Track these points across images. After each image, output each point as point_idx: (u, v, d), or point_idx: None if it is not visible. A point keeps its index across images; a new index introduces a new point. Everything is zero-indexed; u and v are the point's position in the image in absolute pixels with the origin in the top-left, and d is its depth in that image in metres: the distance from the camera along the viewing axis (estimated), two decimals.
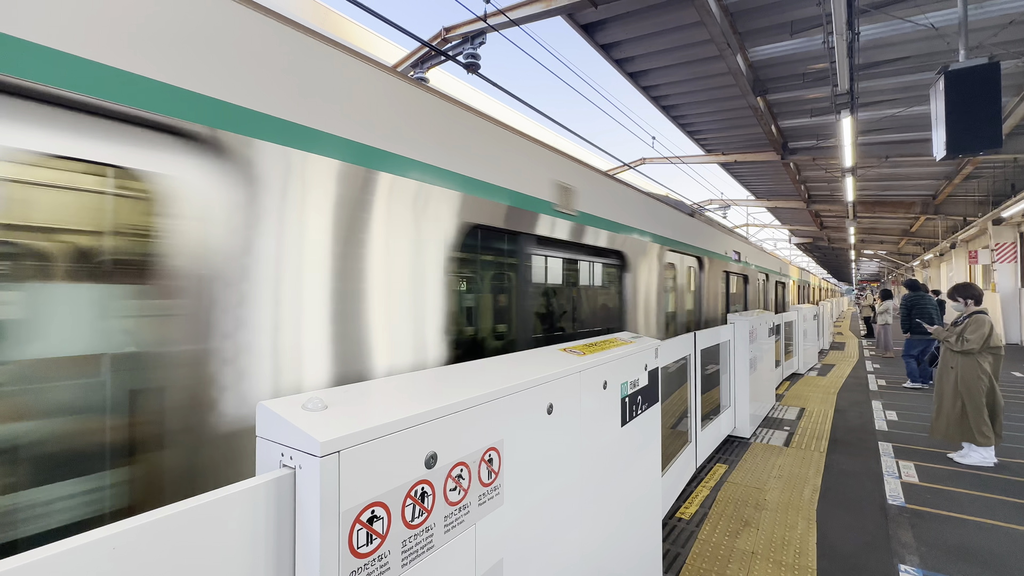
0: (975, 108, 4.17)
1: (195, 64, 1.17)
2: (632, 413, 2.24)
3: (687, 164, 13.84)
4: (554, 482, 1.64)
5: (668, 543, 3.08)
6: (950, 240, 16.99)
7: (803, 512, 3.51)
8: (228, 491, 0.86)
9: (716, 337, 4.78)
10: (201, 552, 0.82)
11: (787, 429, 5.59)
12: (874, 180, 14.59)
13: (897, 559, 2.90)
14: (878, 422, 5.90)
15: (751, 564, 2.85)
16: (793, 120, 10.65)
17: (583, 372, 1.84)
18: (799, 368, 9.50)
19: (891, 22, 6.49)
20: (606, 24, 7.55)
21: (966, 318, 4.53)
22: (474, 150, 2.09)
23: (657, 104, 10.29)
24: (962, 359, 4.46)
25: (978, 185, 13.75)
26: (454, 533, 1.21)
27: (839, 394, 7.54)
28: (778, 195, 18.67)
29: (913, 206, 16.51)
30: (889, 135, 10.80)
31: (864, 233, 24.15)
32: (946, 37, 6.23)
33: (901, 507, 3.59)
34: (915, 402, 6.92)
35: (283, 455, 0.96)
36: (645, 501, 2.37)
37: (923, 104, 8.68)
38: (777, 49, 7.73)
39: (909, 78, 8.03)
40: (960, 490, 3.87)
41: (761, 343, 5.81)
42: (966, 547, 3.03)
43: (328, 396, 1.15)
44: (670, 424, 3.77)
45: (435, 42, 7.44)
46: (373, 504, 0.99)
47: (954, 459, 4.52)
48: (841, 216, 19.54)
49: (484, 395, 1.32)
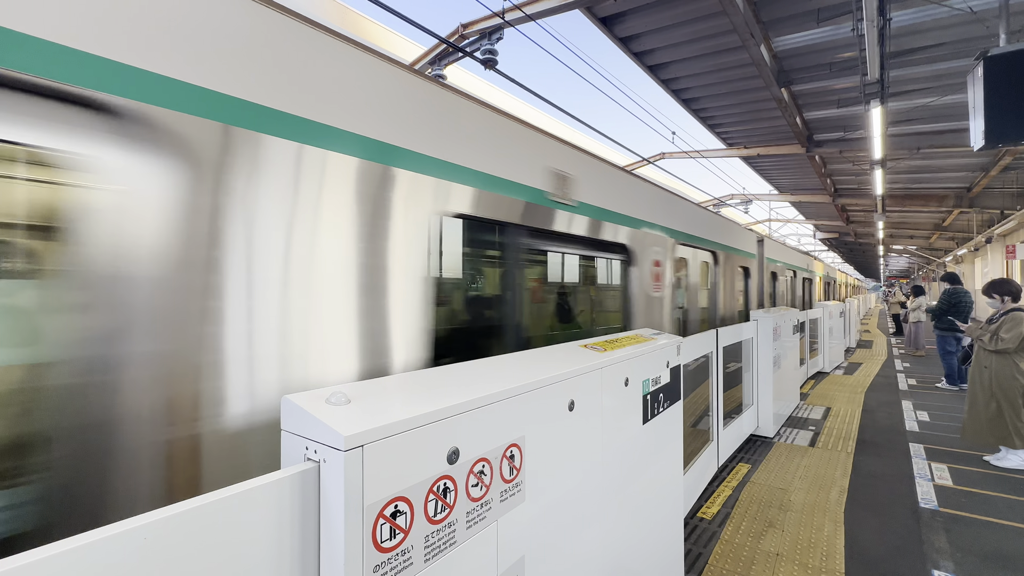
0: (1017, 95, 3.97)
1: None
2: (654, 411, 2.21)
3: (708, 159, 13.57)
4: (575, 479, 1.63)
5: (690, 542, 3.03)
6: (985, 235, 16.29)
7: (830, 514, 3.41)
8: (254, 483, 0.87)
9: (739, 334, 4.68)
10: (228, 543, 0.83)
11: (812, 429, 5.45)
12: (904, 172, 14.08)
13: (931, 565, 2.79)
14: (908, 423, 5.70)
15: (776, 566, 2.78)
16: (819, 111, 10.33)
17: (604, 369, 1.81)
18: (825, 366, 9.25)
19: (926, 7, 6.23)
20: (625, 17, 7.43)
21: (1002, 315, 4.34)
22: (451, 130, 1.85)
23: (677, 98, 10.10)
24: (997, 358, 4.27)
25: (1016, 177, 13.14)
26: (476, 529, 1.20)
27: (867, 393, 7.32)
28: (802, 189, 18.17)
29: (946, 199, 15.88)
30: (921, 125, 10.39)
31: (893, 227, 23.35)
32: (985, 21, 5.94)
33: (934, 511, 3.47)
34: (947, 402, 6.67)
35: (307, 449, 0.97)
36: (667, 499, 2.34)
37: (958, 92, 8.32)
38: (803, 38, 7.50)
39: (944, 65, 7.70)
40: (997, 494, 3.72)
41: (785, 340, 5.67)
42: (1003, 553, 2.90)
43: (351, 390, 1.15)
44: (691, 422, 3.69)
45: (452, 39, 7.44)
46: (396, 499, 0.99)
47: (990, 462, 4.34)
48: (869, 210, 18.91)
49: (506, 391, 1.31)
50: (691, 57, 8.47)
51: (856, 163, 12.89)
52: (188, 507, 0.78)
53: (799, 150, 12.01)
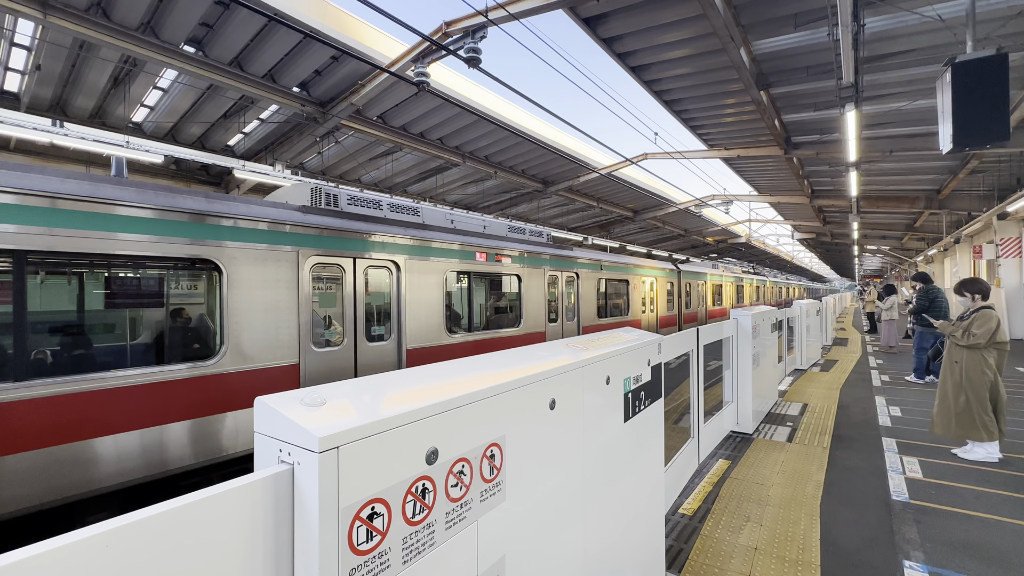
0: (982, 101, 4.12)
1: None
2: (635, 408, 2.23)
3: (689, 159, 13.76)
4: (557, 478, 1.63)
5: (671, 539, 3.07)
6: (954, 235, 16.87)
7: (806, 508, 3.49)
8: (225, 487, 0.85)
9: (719, 333, 4.75)
10: (198, 550, 0.80)
11: (790, 425, 5.57)
12: (878, 175, 14.49)
13: (902, 555, 2.88)
14: (882, 418, 5.87)
15: (754, 560, 2.84)
16: (797, 114, 10.57)
17: (585, 367, 1.82)
18: (801, 364, 9.47)
19: (897, 14, 6.42)
20: (608, 18, 7.49)
21: (973, 313, 4.50)
22: None
23: (660, 99, 10.22)
24: (967, 354, 4.42)
25: (983, 180, 13.64)
26: (456, 530, 1.19)
27: (842, 390, 7.51)
28: (781, 190, 18.57)
29: (917, 201, 16.40)
30: (894, 129, 10.71)
31: (867, 228, 24.01)
32: (953, 29, 6.15)
33: (905, 503, 3.57)
34: (919, 397, 6.89)
35: (281, 451, 0.95)
36: (648, 497, 2.36)
37: (929, 97, 8.60)
38: (781, 42, 7.66)
39: (915, 71, 7.95)
40: (965, 486, 3.85)
41: (764, 339, 5.78)
42: (971, 543, 3.01)
43: (326, 392, 1.13)
44: (672, 419, 3.74)
45: (436, 36, 7.40)
46: (373, 500, 0.98)
47: (958, 455, 4.50)
48: (844, 211, 19.44)
49: (485, 390, 1.30)
50: (673, 59, 8.58)
51: (832, 165, 13.22)
52: (153, 512, 0.75)
53: (778, 152, 12.27)
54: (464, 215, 7.53)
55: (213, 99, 9.57)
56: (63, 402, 3.36)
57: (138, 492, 3.82)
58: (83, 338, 3.79)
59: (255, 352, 4.38)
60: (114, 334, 4.09)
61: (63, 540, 0.67)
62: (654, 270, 12.97)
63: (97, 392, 3.50)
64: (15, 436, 3.18)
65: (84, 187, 3.57)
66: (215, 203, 4.27)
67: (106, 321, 4.06)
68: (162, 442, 3.79)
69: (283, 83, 9.03)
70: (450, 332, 6.48)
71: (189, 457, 3.93)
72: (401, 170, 14.31)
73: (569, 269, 9.24)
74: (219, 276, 4.21)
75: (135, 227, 3.74)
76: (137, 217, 3.76)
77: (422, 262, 6.14)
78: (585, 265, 9.76)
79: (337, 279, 5.25)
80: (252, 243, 4.43)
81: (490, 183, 16.25)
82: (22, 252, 3.27)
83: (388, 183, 15.24)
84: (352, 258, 5.35)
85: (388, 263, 5.76)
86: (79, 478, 3.41)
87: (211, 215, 4.16)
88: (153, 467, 3.75)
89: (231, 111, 10.11)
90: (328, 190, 5.65)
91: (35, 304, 3.48)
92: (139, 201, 3.77)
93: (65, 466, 3.36)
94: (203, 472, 4.15)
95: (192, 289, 4.41)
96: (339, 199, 5.72)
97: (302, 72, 8.82)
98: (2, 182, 3.21)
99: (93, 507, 3.58)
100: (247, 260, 4.36)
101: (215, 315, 4.24)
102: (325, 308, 5.19)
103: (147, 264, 4.03)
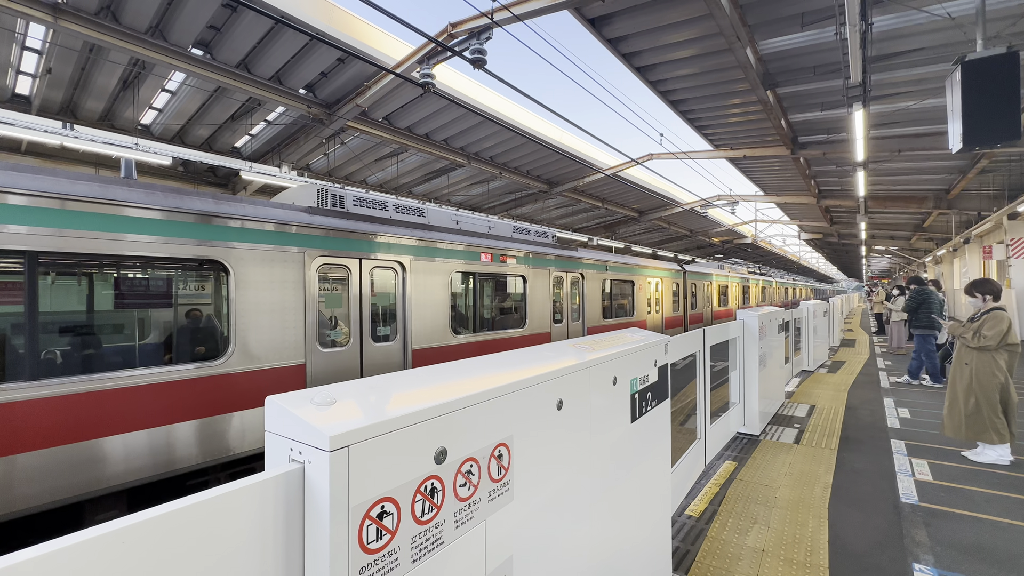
0: (992, 99, 4.08)
1: None
2: (642, 409, 2.22)
3: (695, 160, 13.71)
4: (564, 478, 1.63)
5: (677, 540, 3.05)
6: (964, 235, 16.69)
7: (814, 510, 3.47)
8: (237, 485, 0.85)
9: (725, 334, 4.73)
10: (211, 547, 0.81)
11: (797, 426, 5.53)
12: (886, 175, 14.38)
13: (911, 558, 2.85)
14: (890, 419, 5.82)
15: (761, 562, 2.82)
16: (803, 114, 10.50)
17: (592, 368, 1.82)
18: (808, 365, 9.40)
19: (906, 12, 6.37)
20: (613, 18, 7.48)
21: (984, 314, 4.45)
22: None
23: (665, 99, 10.20)
24: (977, 355, 4.38)
25: (993, 179, 13.50)
26: (464, 529, 1.19)
27: (850, 391, 7.45)
28: (787, 190, 18.46)
29: (926, 201, 16.26)
30: (902, 128, 10.62)
31: (875, 228, 23.83)
32: (963, 27, 6.10)
33: (915, 505, 3.54)
34: (928, 399, 6.82)
35: (292, 450, 0.96)
36: (654, 498, 2.35)
37: (938, 96, 8.52)
38: (788, 41, 7.62)
39: (923, 70, 7.88)
40: (975, 488, 3.81)
41: (771, 339, 5.75)
42: (982, 546, 2.97)
43: (337, 391, 1.14)
44: (678, 421, 3.73)
45: (441, 38, 7.42)
46: (383, 499, 0.98)
47: (969, 457, 4.45)
48: (852, 211, 19.29)
49: (493, 390, 1.30)
50: (679, 59, 8.56)
51: (839, 165, 13.12)
52: (167, 510, 0.76)
53: (784, 152, 12.20)
54: (469, 216, 7.54)
55: (220, 101, 9.65)
56: (73, 401, 3.40)
57: (145, 492, 3.85)
58: (93, 338, 3.83)
59: (262, 352, 4.41)
60: (123, 334, 4.13)
61: (82, 536, 0.68)
62: (659, 271, 12.94)
63: (106, 392, 3.53)
64: (26, 435, 3.22)
65: (94, 189, 3.61)
66: (223, 204, 4.30)
67: (115, 321, 4.10)
68: (169, 442, 3.82)
69: (290, 85, 9.09)
70: (455, 332, 6.49)
71: (196, 457, 3.96)
72: (407, 171, 14.36)
73: (574, 270, 9.23)
74: (226, 277, 4.24)
75: (144, 228, 3.78)
76: (146, 218, 3.79)
77: (427, 263, 6.15)
78: (590, 266, 9.74)
79: (343, 280, 5.28)
80: (259, 244, 4.46)
81: (495, 184, 16.27)
82: (33, 253, 3.31)
83: (394, 184, 15.30)
84: (358, 259, 5.37)
85: (394, 264, 5.78)
86: (88, 477, 3.44)
87: (219, 216, 4.19)
88: (160, 466, 3.78)
89: (238, 113, 10.19)
90: (334, 191, 5.68)
91: (46, 304, 3.52)
92: (148, 202, 3.81)
93: (74, 465, 3.39)
94: (210, 472, 4.18)
95: (200, 290, 4.44)
96: (345, 200, 5.75)
97: (308, 74, 8.87)
98: (13, 184, 3.25)
99: (101, 506, 3.61)
100: (254, 261, 4.39)
101: (223, 316, 4.27)
102: (331, 309, 5.21)
103: (156, 265, 4.06)
